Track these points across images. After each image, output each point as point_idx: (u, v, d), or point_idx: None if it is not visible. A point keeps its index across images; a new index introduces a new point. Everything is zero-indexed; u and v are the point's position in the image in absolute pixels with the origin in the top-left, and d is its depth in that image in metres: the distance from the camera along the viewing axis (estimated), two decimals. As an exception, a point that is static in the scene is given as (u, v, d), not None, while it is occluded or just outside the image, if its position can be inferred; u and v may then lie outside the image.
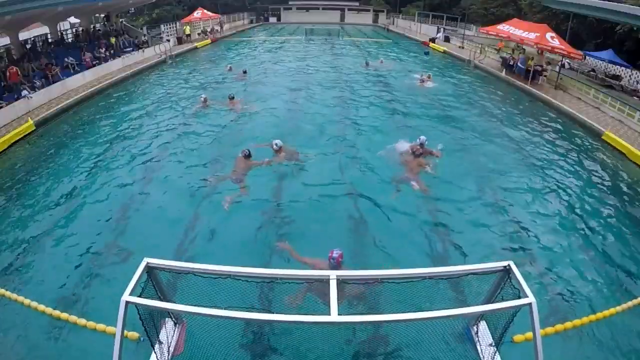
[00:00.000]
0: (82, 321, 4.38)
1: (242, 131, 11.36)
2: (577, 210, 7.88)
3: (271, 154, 8.94)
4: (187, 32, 28.73)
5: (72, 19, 23.88)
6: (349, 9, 47.32)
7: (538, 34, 17.09)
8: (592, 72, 20.24)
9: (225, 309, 3.13)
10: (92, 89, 16.00)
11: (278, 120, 12.20)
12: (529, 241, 6.80)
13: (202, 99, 13.53)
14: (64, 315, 4.48)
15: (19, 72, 13.83)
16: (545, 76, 17.93)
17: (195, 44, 27.53)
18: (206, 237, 6.67)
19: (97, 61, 18.64)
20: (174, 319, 4.31)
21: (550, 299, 5.48)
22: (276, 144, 8.93)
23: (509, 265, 3.54)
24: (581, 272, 6.09)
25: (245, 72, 18.08)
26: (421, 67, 20.64)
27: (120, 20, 27.15)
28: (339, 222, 7.11)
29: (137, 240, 6.57)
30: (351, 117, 12.62)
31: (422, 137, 9.16)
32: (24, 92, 13.35)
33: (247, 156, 8.55)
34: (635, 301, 5.19)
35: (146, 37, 24.69)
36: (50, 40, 19.31)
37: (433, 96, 15.40)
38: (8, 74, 13.46)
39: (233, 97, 13.36)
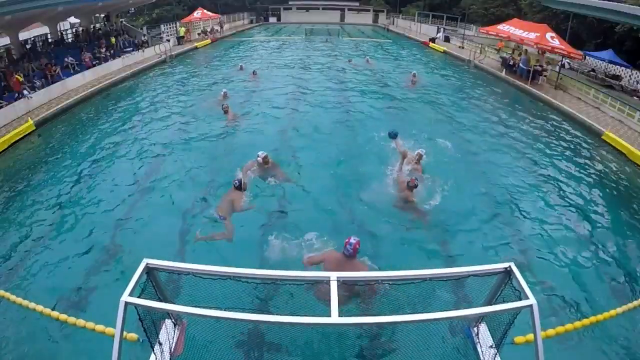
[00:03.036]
0: (81, 322, 4.34)
1: (238, 138, 11.05)
2: (577, 211, 7.87)
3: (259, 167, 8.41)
4: (182, 33, 28.11)
5: (72, 19, 23.88)
6: (349, 9, 47.35)
7: (538, 34, 17.10)
8: (592, 72, 20.24)
9: (225, 310, 3.11)
10: (92, 89, 16.00)
11: (276, 126, 11.89)
12: (530, 242, 6.78)
13: (223, 93, 13.63)
14: (63, 316, 4.45)
15: (19, 79, 13.69)
16: (545, 76, 17.92)
17: (195, 44, 27.51)
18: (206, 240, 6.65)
19: (97, 61, 18.63)
20: (173, 320, 4.29)
21: (551, 301, 5.46)
22: (260, 157, 8.29)
23: (509, 266, 3.51)
24: (582, 273, 6.08)
25: (255, 72, 17.99)
26: (415, 67, 20.55)
27: (120, 20, 27.14)
28: (337, 225, 7.06)
29: (137, 241, 6.55)
30: (346, 119, 12.53)
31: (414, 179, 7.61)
32: (24, 92, 13.34)
33: (238, 188, 7.46)
34: (636, 302, 5.17)
35: (146, 37, 24.67)
36: (50, 40, 19.32)
37: (428, 96, 15.38)
38: (10, 83, 13.33)
39: (227, 111, 12.17)
